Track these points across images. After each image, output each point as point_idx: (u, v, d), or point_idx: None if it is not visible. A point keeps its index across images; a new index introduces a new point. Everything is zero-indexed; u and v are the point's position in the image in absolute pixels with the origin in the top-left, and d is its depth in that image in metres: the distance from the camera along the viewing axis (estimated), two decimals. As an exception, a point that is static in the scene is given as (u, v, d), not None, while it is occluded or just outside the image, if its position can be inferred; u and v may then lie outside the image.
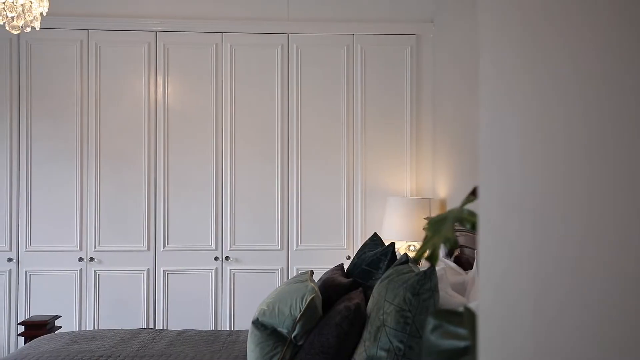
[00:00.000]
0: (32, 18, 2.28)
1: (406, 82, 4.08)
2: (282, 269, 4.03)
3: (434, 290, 1.71)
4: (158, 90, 4.00)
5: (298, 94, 4.04)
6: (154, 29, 4.00)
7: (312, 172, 4.04)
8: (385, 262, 2.41)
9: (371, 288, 2.34)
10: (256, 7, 4.06)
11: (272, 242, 4.04)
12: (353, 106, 4.06)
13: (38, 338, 2.83)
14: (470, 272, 2.41)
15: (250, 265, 4.02)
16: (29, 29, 2.34)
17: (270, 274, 4.03)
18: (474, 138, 3.12)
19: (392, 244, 2.47)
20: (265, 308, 2.15)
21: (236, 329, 3.94)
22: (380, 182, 4.08)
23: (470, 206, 0.92)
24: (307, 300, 2.05)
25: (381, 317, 1.75)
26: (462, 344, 0.73)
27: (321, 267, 3.54)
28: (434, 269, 1.73)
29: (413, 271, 1.94)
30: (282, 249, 4.04)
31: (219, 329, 3.98)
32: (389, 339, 1.69)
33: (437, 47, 3.98)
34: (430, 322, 0.78)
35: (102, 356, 2.47)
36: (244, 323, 3.92)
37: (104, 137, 3.96)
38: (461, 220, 0.89)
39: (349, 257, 4.03)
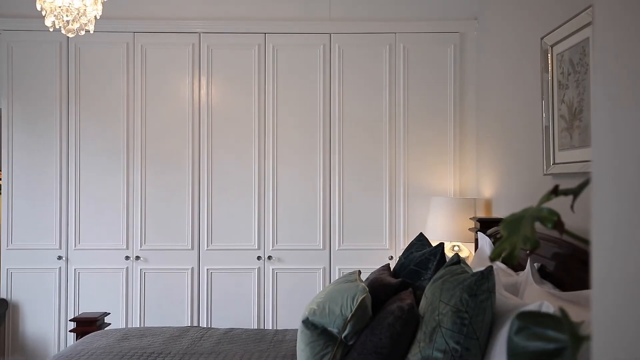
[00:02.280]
0: (86, 21, 2.33)
1: (449, 81, 4.04)
2: (324, 269, 4.03)
3: (492, 291, 1.68)
4: (202, 91, 4.05)
5: (340, 93, 4.04)
6: (198, 30, 4.05)
7: (355, 171, 4.03)
8: (434, 263, 2.38)
9: (420, 288, 2.32)
10: (298, 7, 4.08)
11: (314, 242, 4.04)
12: (395, 105, 4.04)
13: (90, 334, 2.89)
14: (522, 274, 2.36)
15: (293, 265, 4.04)
16: (83, 32, 2.40)
17: (312, 273, 4.03)
18: (520, 137, 3.06)
19: (442, 244, 2.44)
20: (315, 307, 2.14)
21: (279, 328, 3.96)
22: (423, 181, 4.04)
23: (549, 204, 0.90)
24: (359, 300, 2.04)
25: (436, 317, 1.73)
26: (551, 346, 0.71)
27: (363, 267, 3.51)
28: (492, 270, 1.69)
29: (466, 272, 1.91)
30: (324, 248, 4.04)
31: (262, 327, 4.01)
32: (445, 340, 1.67)
33: (482, 45, 3.93)
34: (515, 324, 0.77)
35: (153, 353, 2.51)
36: (287, 322, 3.94)
37: (149, 137, 4.04)
38: (541, 219, 0.87)
39: (391, 257, 4.00)
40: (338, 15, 4.07)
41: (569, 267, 2.11)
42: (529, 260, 2.28)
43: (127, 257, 4.02)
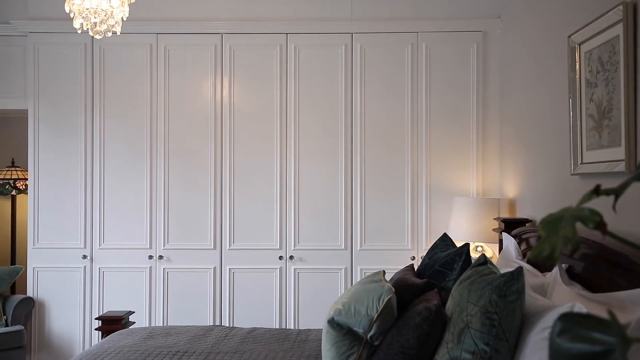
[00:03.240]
0: (113, 23, 2.36)
1: (472, 80, 4.01)
2: (345, 269, 4.03)
3: (521, 292, 1.66)
4: (224, 91, 4.07)
5: (362, 93, 4.03)
6: (220, 31, 4.07)
7: (377, 171, 4.02)
8: (460, 263, 2.36)
9: (445, 289, 2.30)
10: (320, 7, 4.08)
11: (335, 242, 4.04)
12: (417, 105, 4.02)
13: (116, 333, 2.92)
14: (549, 274, 2.34)
15: (314, 265, 4.04)
16: (110, 34, 2.43)
17: (334, 273, 4.03)
18: (545, 136, 3.02)
19: (467, 245, 2.42)
20: (341, 307, 2.14)
21: (301, 327, 3.96)
22: (445, 181, 4.02)
23: (591, 204, 0.89)
24: (384, 301, 2.03)
25: (465, 318, 1.72)
26: (597, 348, 0.70)
27: (385, 268, 3.49)
28: (522, 270, 1.68)
29: (494, 272, 1.90)
30: (345, 248, 4.03)
31: (283, 327, 4.02)
32: (474, 342, 1.65)
33: (505, 44, 3.89)
34: (558, 325, 0.76)
35: (178, 352, 2.53)
36: (309, 322, 3.95)
37: (172, 137, 4.07)
38: (582, 220, 0.85)
39: (413, 258, 3.99)
40: (360, 15, 4.07)
41: (598, 268, 2.08)
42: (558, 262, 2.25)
43: (150, 257, 4.06)
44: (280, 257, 4.05)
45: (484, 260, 2.07)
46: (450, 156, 4.02)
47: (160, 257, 4.06)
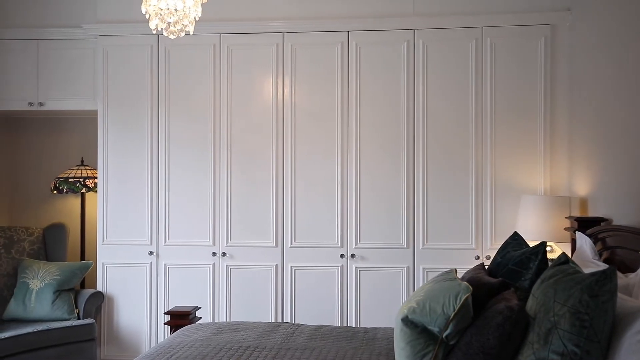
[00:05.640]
0: (187, 22, 2.40)
1: (539, 75, 3.89)
2: (408, 268, 3.98)
3: (614, 292, 1.59)
4: (285, 90, 4.10)
5: (424, 90, 3.98)
6: (281, 30, 4.10)
7: (439, 169, 3.96)
8: (536, 263, 2.29)
9: (520, 289, 2.24)
10: (381, 3, 4.05)
11: (397, 241, 4.00)
12: (482, 101, 3.94)
13: (185, 327, 2.98)
14: (633, 275, 2.24)
15: (376, 264, 4.01)
16: (183, 34, 2.47)
17: (396, 272, 3.99)
18: (624, 132, 2.89)
19: (543, 244, 2.35)
20: (415, 306, 2.10)
21: (362, 325, 3.94)
22: (511, 179, 3.92)
23: None
24: (462, 299, 1.99)
25: (552, 319, 1.66)
26: None
27: (449, 267, 3.45)
28: (615, 270, 1.60)
29: (579, 272, 1.83)
30: (407, 247, 3.99)
31: (345, 325, 4.01)
32: (562, 343, 1.59)
33: (575, 37, 3.76)
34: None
35: (249, 347, 2.55)
36: (370, 320, 3.93)
37: (234, 136, 4.13)
38: None
39: (477, 257, 3.91)
40: (422, 11, 4.01)
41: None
42: (642, 261, 2.15)
43: (213, 254, 4.13)
44: (342, 256, 4.04)
45: (565, 259, 2.00)
46: (516, 153, 3.92)
47: (224, 254, 4.12)
